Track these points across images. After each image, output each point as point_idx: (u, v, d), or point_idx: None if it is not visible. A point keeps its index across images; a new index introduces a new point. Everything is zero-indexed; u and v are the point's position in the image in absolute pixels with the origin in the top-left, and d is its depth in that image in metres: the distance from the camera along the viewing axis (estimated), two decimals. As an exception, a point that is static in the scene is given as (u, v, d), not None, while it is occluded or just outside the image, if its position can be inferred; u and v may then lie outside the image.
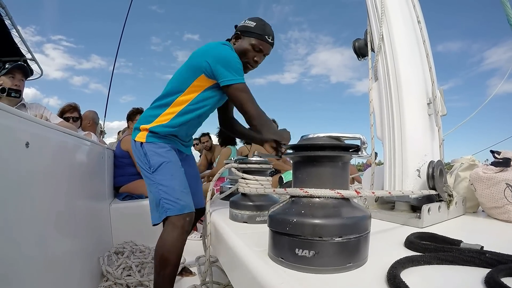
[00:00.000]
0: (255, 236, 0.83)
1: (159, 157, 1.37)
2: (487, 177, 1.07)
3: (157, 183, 1.35)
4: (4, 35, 3.95)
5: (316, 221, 0.53)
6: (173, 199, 1.32)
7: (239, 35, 1.45)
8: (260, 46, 1.43)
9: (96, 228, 1.92)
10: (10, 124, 0.86)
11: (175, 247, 1.29)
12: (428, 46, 1.19)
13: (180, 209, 1.31)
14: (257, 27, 1.42)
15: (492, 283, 0.47)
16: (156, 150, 1.38)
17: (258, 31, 1.42)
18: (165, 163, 1.37)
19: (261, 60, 1.49)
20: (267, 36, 1.43)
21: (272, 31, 1.46)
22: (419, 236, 0.72)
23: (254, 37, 1.42)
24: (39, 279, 1.01)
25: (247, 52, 1.43)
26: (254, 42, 1.42)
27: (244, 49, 1.43)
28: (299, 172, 0.61)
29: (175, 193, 1.33)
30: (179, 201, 1.32)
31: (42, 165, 1.09)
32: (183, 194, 1.35)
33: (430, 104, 1.15)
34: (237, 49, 1.44)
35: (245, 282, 0.66)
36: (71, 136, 1.49)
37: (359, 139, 0.59)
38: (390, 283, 0.47)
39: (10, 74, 2.05)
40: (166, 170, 1.36)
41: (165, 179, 1.35)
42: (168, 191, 1.33)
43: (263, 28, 1.43)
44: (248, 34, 1.43)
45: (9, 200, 0.85)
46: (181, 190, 1.36)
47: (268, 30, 1.44)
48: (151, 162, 1.37)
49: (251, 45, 1.42)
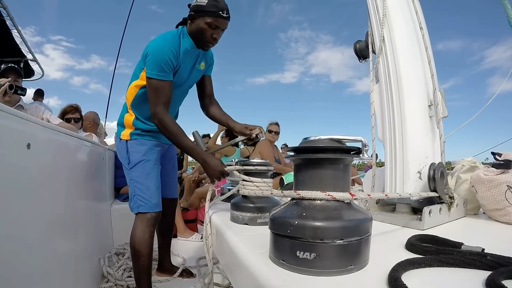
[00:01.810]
0: (256, 238, 0.83)
1: (138, 155, 1.50)
2: (488, 179, 1.07)
3: (133, 180, 1.49)
4: (5, 36, 3.96)
5: (318, 223, 0.53)
6: (146, 197, 1.48)
7: (194, 16, 1.43)
8: (216, 23, 1.41)
9: (96, 229, 1.92)
10: (11, 125, 0.87)
11: (144, 240, 1.45)
12: (430, 53, 1.19)
13: (151, 207, 1.48)
14: (209, 4, 1.39)
15: (493, 285, 0.47)
16: (138, 148, 1.51)
17: (211, 9, 1.39)
18: (143, 161, 1.50)
19: (219, 36, 1.48)
20: (221, 11, 1.40)
21: (226, 4, 1.43)
22: (420, 239, 0.72)
23: (209, 16, 1.40)
24: (39, 280, 1.01)
25: (204, 31, 1.42)
26: (209, 21, 1.40)
27: (201, 29, 1.42)
28: (300, 174, 0.62)
29: (148, 191, 1.48)
30: (151, 200, 1.48)
31: (43, 166, 1.09)
32: (155, 194, 1.51)
33: (431, 106, 1.16)
34: (194, 29, 1.44)
35: (246, 284, 0.66)
36: (72, 137, 1.50)
37: (361, 141, 0.59)
38: (391, 286, 0.47)
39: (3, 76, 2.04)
40: (142, 169, 1.50)
41: (140, 177, 1.49)
42: (142, 189, 1.48)
43: (215, 5, 1.39)
44: (202, 13, 1.40)
45: (10, 201, 0.85)
46: (154, 189, 1.51)
47: (221, 5, 1.40)
48: (130, 159, 1.51)
49: (207, 24, 1.41)
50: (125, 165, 1.53)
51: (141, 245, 1.45)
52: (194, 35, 1.45)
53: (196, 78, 1.62)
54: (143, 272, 1.47)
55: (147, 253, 1.47)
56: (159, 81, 1.36)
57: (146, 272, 1.48)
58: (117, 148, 1.60)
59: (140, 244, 1.45)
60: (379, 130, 1.20)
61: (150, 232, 1.48)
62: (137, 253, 1.47)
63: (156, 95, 1.37)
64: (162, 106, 1.37)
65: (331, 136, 0.59)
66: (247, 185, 1.08)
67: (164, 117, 1.36)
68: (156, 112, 1.36)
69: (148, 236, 1.47)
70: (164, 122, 1.36)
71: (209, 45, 1.48)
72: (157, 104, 1.36)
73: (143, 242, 1.46)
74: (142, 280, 1.48)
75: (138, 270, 1.49)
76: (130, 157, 1.51)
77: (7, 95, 1.98)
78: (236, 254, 0.75)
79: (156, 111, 1.36)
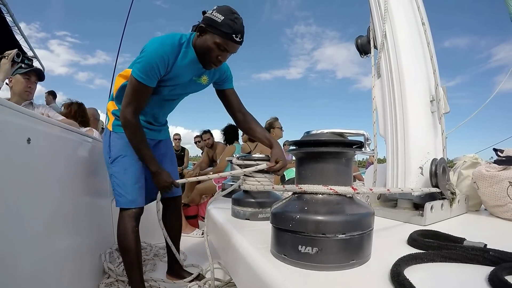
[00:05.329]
0: (257, 233, 0.83)
1: (118, 150, 1.48)
2: (490, 175, 1.07)
3: (113, 175, 1.49)
4: (6, 32, 3.95)
5: (320, 217, 0.52)
6: (123, 193, 1.47)
7: (204, 29, 1.26)
8: (225, 46, 1.25)
9: (97, 225, 1.92)
10: (11, 120, 0.86)
11: (128, 235, 1.45)
12: (432, 49, 1.19)
13: (127, 203, 1.47)
14: (225, 23, 1.20)
15: (496, 281, 0.47)
16: (118, 142, 1.48)
17: (225, 29, 1.21)
18: (121, 157, 1.48)
19: (225, 59, 1.33)
20: (235, 34, 1.23)
21: (243, 27, 1.25)
22: (422, 234, 0.72)
23: (219, 35, 1.23)
24: (40, 276, 1.01)
25: (210, 51, 1.27)
26: (218, 41, 1.24)
27: (208, 47, 1.26)
28: (302, 168, 0.61)
29: (125, 187, 1.47)
30: (127, 196, 1.47)
31: (44, 161, 1.09)
32: (132, 189, 1.48)
33: (433, 102, 1.15)
34: (200, 44, 1.29)
35: (248, 280, 0.66)
36: (73, 132, 1.49)
37: (363, 135, 0.59)
38: (394, 281, 0.47)
39: (26, 75, 2.17)
40: (120, 164, 1.48)
41: (118, 173, 1.48)
42: (119, 184, 1.47)
43: (231, 25, 1.21)
44: (214, 30, 1.23)
45: (10, 196, 0.85)
46: (130, 185, 1.48)
47: (237, 27, 1.22)
48: (111, 153, 1.49)
49: (215, 44, 1.24)
50: (106, 159, 1.51)
51: (125, 240, 1.46)
52: (199, 50, 1.31)
53: (194, 90, 1.54)
54: (132, 267, 1.48)
55: (132, 247, 1.46)
56: (139, 83, 1.28)
57: (136, 267, 1.48)
58: (103, 140, 1.56)
59: (124, 239, 1.46)
60: (381, 125, 1.19)
61: (132, 227, 1.47)
62: (122, 249, 1.48)
63: (132, 95, 1.32)
64: (132, 108, 1.33)
65: (333, 130, 0.59)
66: (248, 180, 1.08)
67: (131, 119, 1.34)
68: (124, 111, 1.33)
69: (130, 231, 1.46)
70: (128, 123, 1.35)
71: (212, 66, 1.34)
72: (129, 104, 1.33)
73: (126, 237, 1.46)
74: (133, 275, 1.48)
75: (127, 265, 1.50)
76: (111, 151, 1.49)
77: (15, 64, 2.05)
78: (238, 250, 0.75)
79: (125, 111, 1.33)
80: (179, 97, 1.58)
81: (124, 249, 1.48)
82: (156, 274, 1.94)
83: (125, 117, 1.33)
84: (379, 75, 1.22)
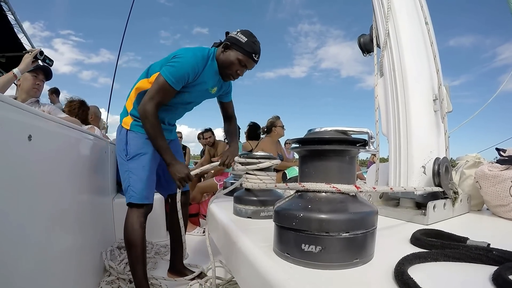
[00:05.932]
0: (259, 232, 0.83)
1: (137, 148, 1.55)
2: (492, 175, 1.06)
3: (129, 171, 1.54)
4: (7, 30, 3.95)
5: (323, 216, 0.52)
6: (139, 188, 1.52)
7: (229, 46, 1.50)
8: (245, 63, 1.51)
9: (99, 223, 1.92)
10: (12, 116, 0.86)
11: (135, 230, 1.50)
12: (435, 48, 1.18)
13: (142, 199, 1.53)
14: (247, 43, 1.48)
15: (500, 280, 0.46)
16: (137, 142, 1.55)
17: (247, 48, 1.47)
18: (140, 154, 1.55)
19: (242, 74, 1.57)
20: (255, 54, 1.50)
21: (260, 49, 1.53)
22: (425, 233, 0.72)
23: (242, 52, 1.48)
24: (41, 274, 1.01)
25: (232, 65, 1.51)
26: (241, 58, 1.49)
27: (230, 61, 1.50)
28: (305, 166, 0.61)
29: (142, 183, 1.53)
30: (143, 192, 1.53)
31: (45, 158, 1.09)
32: (148, 187, 1.55)
33: (436, 101, 1.14)
34: (224, 59, 1.51)
35: (250, 278, 0.65)
36: (74, 130, 1.49)
37: (367, 133, 0.58)
38: (398, 280, 0.46)
39: (34, 73, 2.21)
40: (139, 162, 1.55)
41: (136, 169, 1.54)
42: (136, 180, 1.53)
43: (252, 46, 1.48)
44: (237, 48, 1.48)
45: (11, 193, 0.85)
46: (147, 181, 1.55)
47: (256, 48, 1.50)
48: (129, 151, 1.55)
49: (237, 60, 1.49)
50: (122, 156, 1.56)
51: (132, 235, 1.50)
52: (222, 63, 1.52)
53: (205, 98, 1.72)
54: (136, 263, 1.51)
55: (139, 243, 1.51)
56: (167, 84, 1.41)
57: (141, 263, 1.52)
58: (117, 138, 1.62)
59: (131, 235, 1.50)
60: (384, 124, 1.19)
61: (140, 223, 1.52)
62: (128, 244, 1.52)
63: (157, 92, 1.42)
64: (155, 102, 1.42)
65: (336, 128, 0.58)
66: (250, 178, 1.07)
67: (152, 111, 1.42)
68: (146, 103, 1.42)
69: (138, 226, 1.51)
70: (149, 114, 1.42)
71: (231, 78, 1.57)
72: (152, 98, 1.42)
73: (134, 232, 1.50)
74: (137, 270, 1.51)
75: (131, 261, 1.53)
76: (128, 148, 1.55)
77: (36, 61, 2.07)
78: (240, 248, 0.75)
79: (147, 103, 1.42)
80: (192, 103, 1.71)
81: (131, 244, 1.51)
82: (157, 272, 1.95)
83: (146, 109, 1.42)
84: (382, 74, 1.22)
